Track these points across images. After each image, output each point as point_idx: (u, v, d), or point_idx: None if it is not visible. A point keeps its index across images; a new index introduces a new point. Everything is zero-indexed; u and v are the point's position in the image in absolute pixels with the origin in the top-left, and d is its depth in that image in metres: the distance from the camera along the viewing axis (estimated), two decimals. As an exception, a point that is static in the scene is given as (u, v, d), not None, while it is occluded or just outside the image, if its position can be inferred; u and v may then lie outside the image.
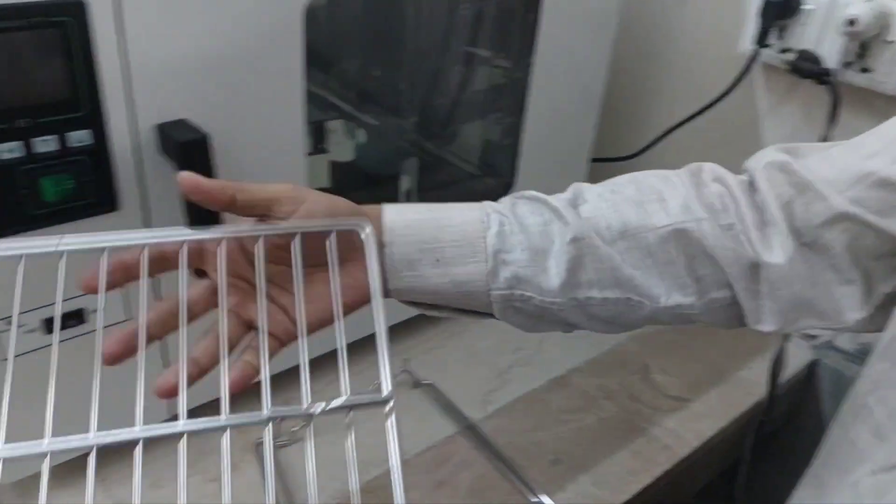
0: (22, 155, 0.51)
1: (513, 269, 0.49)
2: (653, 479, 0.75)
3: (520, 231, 0.49)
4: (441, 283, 0.49)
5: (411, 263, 0.49)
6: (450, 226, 0.49)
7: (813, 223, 0.49)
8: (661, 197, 0.51)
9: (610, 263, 0.49)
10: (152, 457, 0.71)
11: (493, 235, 0.49)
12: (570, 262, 0.49)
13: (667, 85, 1.05)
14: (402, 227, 0.48)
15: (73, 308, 0.59)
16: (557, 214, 0.50)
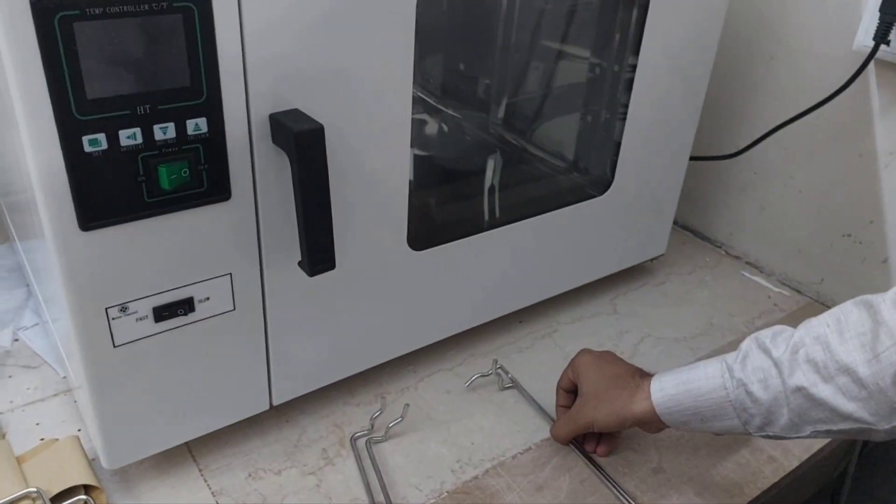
0: (141, 142, 0.51)
1: (758, 421, 0.60)
2: (759, 492, 0.72)
3: (753, 391, 0.59)
4: (713, 429, 0.63)
5: (684, 423, 0.64)
6: (701, 396, 0.62)
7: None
8: (865, 329, 0.55)
9: (829, 405, 0.55)
10: (249, 447, 0.72)
11: (734, 400, 0.60)
12: (799, 409, 0.57)
13: (771, 82, 1.01)
14: (669, 405, 0.64)
15: (184, 296, 0.58)
16: (779, 369, 0.58)
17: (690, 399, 0.62)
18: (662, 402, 0.64)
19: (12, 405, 0.74)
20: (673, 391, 0.63)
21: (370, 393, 0.79)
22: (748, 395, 0.59)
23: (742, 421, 0.60)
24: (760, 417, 0.59)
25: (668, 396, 0.64)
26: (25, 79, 0.46)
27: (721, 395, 0.61)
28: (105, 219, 0.52)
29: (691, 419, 0.63)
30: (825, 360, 0.55)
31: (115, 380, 0.59)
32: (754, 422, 0.60)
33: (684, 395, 0.63)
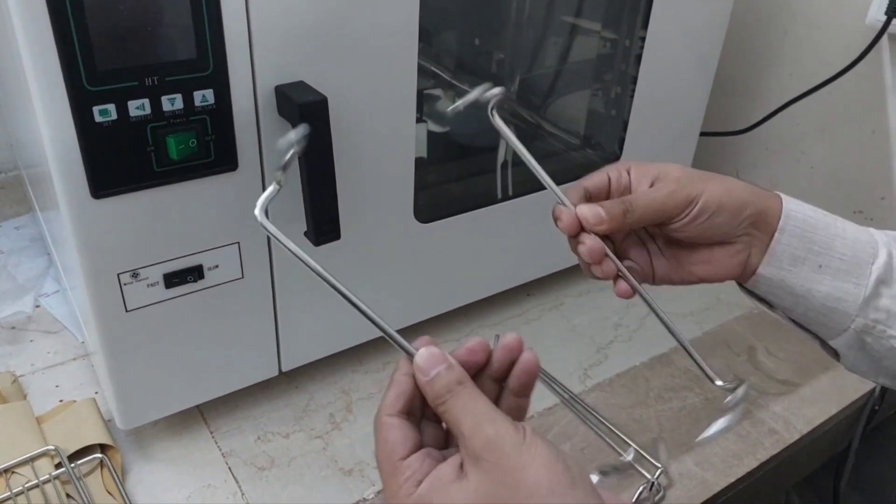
0: (149, 112, 0.52)
1: (887, 304, 0.48)
2: (758, 464, 0.73)
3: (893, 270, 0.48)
4: (814, 290, 0.49)
5: (794, 259, 0.48)
6: (842, 237, 0.48)
7: None
8: None
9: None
10: (259, 412, 0.74)
11: (880, 265, 0.48)
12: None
13: (783, 56, 1.00)
14: (800, 220, 0.48)
15: (193, 264, 0.60)
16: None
17: (827, 234, 0.48)
18: (795, 214, 0.48)
19: (33, 368, 0.77)
20: (813, 213, 0.49)
21: (378, 360, 0.81)
22: (894, 270, 0.48)
23: (867, 294, 0.48)
24: (892, 302, 0.48)
25: (805, 215, 0.48)
26: (38, 50, 0.47)
27: (867, 251, 0.48)
28: (116, 187, 0.54)
29: (810, 258, 0.48)
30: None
31: (128, 344, 0.61)
32: (879, 303, 0.48)
33: (824, 224, 0.49)
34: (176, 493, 0.65)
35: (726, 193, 0.48)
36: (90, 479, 0.64)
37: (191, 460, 0.68)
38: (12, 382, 0.74)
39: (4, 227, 1.00)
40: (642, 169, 0.50)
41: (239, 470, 0.67)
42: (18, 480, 0.62)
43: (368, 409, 0.75)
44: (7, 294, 0.87)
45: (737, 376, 0.46)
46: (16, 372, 0.76)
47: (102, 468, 0.65)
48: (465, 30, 1.02)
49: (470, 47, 1.04)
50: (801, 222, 0.48)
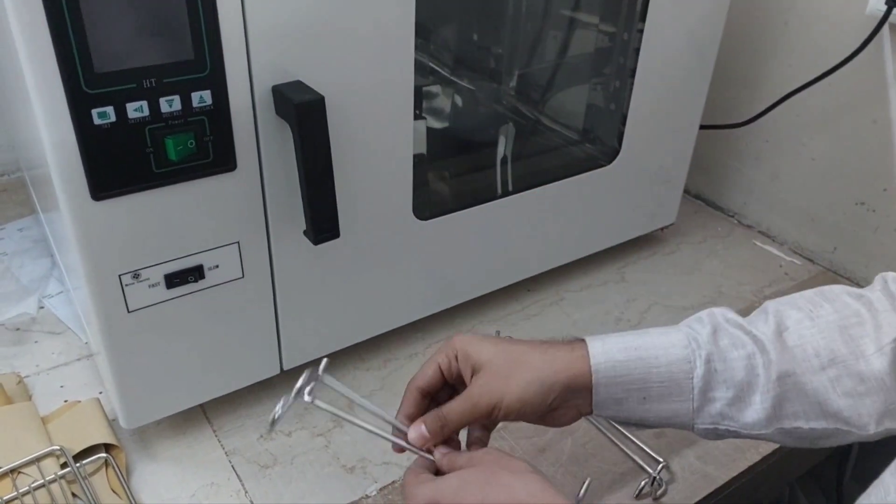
0: (147, 114, 0.53)
1: (718, 407, 0.50)
2: (760, 457, 0.73)
3: (723, 369, 0.50)
4: (646, 417, 0.51)
5: (618, 401, 0.51)
6: (657, 367, 0.50)
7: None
8: (861, 319, 0.50)
9: (816, 397, 0.49)
10: (261, 410, 0.74)
11: (699, 377, 0.50)
12: (776, 399, 0.49)
13: (783, 47, 1.00)
14: (609, 370, 0.50)
15: (194, 264, 0.61)
16: (761, 347, 0.50)
17: (641, 369, 0.50)
18: (604, 368, 0.50)
19: (38, 369, 0.78)
20: (621, 356, 0.51)
21: (379, 358, 0.82)
22: (717, 373, 0.50)
23: (696, 406, 0.50)
24: (722, 403, 0.50)
25: (614, 362, 0.50)
26: (36, 54, 0.47)
27: (684, 369, 0.50)
28: (115, 189, 0.54)
29: (631, 396, 0.51)
30: (817, 346, 0.49)
31: (130, 344, 0.62)
32: (710, 408, 0.50)
33: (634, 364, 0.50)
34: (180, 491, 0.65)
35: (528, 389, 0.50)
36: (95, 478, 0.64)
37: (194, 459, 0.68)
38: (18, 383, 0.74)
39: (8, 229, 1.00)
40: (464, 357, 0.53)
41: (242, 468, 0.68)
42: (25, 480, 0.63)
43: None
44: (11, 296, 0.87)
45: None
46: (21, 373, 0.76)
47: (107, 467, 0.65)
48: (463, 25, 1.02)
49: (468, 42, 1.04)
50: (611, 371, 0.50)
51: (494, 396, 0.50)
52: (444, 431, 0.51)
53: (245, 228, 0.62)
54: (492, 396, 0.50)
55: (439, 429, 0.51)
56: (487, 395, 0.50)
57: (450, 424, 0.51)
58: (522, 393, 0.50)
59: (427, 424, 0.51)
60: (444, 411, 0.51)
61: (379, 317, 0.79)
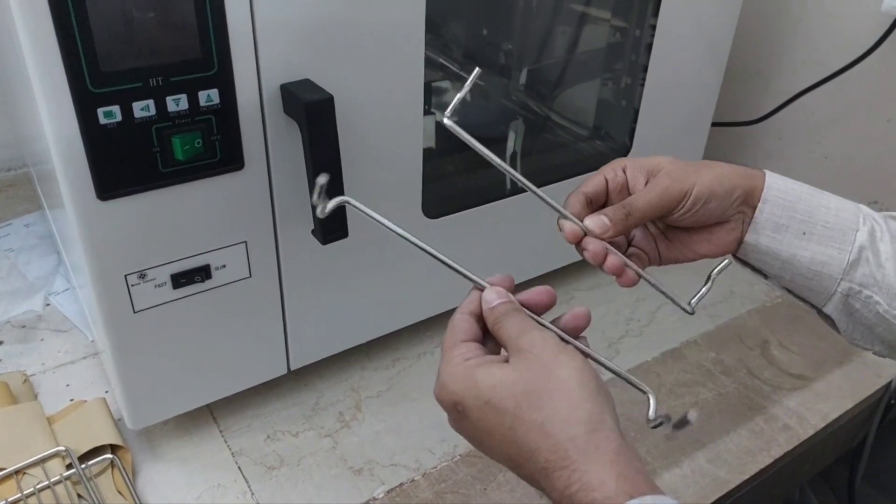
0: (154, 113, 0.52)
1: (872, 270, 0.50)
2: (772, 460, 0.72)
3: (890, 241, 0.50)
4: (798, 255, 0.51)
5: (778, 227, 0.51)
6: (826, 207, 0.50)
7: None
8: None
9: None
10: (268, 411, 0.74)
11: (864, 232, 0.50)
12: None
13: (797, 45, 0.99)
14: (781, 190, 0.51)
15: (201, 264, 0.60)
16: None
17: (810, 204, 0.51)
18: (778, 187, 0.51)
19: (44, 367, 0.77)
20: (795, 185, 0.51)
21: (387, 357, 0.81)
22: (880, 241, 0.50)
23: (851, 259, 0.50)
24: (873, 267, 0.50)
25: (788, 188, 0.51)
26: (41, 54, 0.47)
27: (851, 219, 0.50)
28: (122, 189, 0.53)
29: (793, 225, 0.50)
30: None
31: (136, 344, 0.61)
32: (864, 268, 0.50)
33: (807, 196, 0.51)
34: (186, 492, 0.65)
35: (716, 181, 0.50)
36: (101, 479, 0.64)
37: (200, 460, 0.68)
38: (23, 382, 0.74)
39: (14, 225, 1.00)
40: (636, 165, 0.52)
41: (248, 469, 0.67)
42: (30, 481, 0.62)
43: (377, 408, 0.75)
44: (18, 292, 0.87)
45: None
46: (27, 371, 0.76)
47: (113, 468, 0.65)
48: (473, 20, 1.01)
49: (478, 38, 1.03)
50: (783, 193, 0.51)
51: (686, 183, 0.50)
52: (628, 221, 0.49)
53: (253, 228, 0.61)
54: (683, 183, 0.50)
55: (623, 217, 0.49)
56: (679, 182, 0.50)
57: (635, 213, 0.49)
58: (713, 183, 0.50)
59: (610, 214, 0.49)
60: (631, 199, 0.50)
61: (387, 316, 0.78)
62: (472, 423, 0.42)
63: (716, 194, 0.50)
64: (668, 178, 0.50)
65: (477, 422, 0.41)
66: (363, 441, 0.70)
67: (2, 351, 0.79)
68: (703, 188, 0.49)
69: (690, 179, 0.50)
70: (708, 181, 0.50)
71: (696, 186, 0.49)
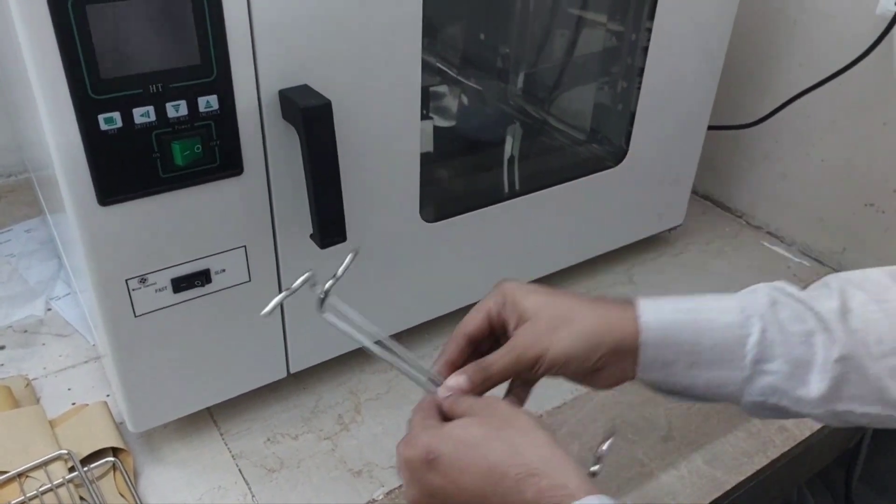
0: (154, 119, 0.53)
1: (770, 381, 0.48)
2: (769, 461, 0.73)
3: (781, 342, 0.47)
4: (693, 384, 0.49)
5: (665, 365, 0.49)
6: (710, 330, 0.48)
7: None
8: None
9: (878, 383, 0.47)
10: (268, 413, 0.74)
11: (753, 344, 0.47)
12: (834, 380, 0.47)
13: (793, 48, 0.99)
14: (659, 329, 0.48)
15: (201, 268, 0.60)
16: (823, 325, 0.47)
17: (692, 332, 0.48)
18: (654, 327, 0.48)
19: (45, 371, 0.78)
20: (672, 316, 0.48)
21: (386, 361, 0.81)
22: (773, 345, 0.47)
23: (747, 376, 0.48)
24: (776, 377, 0.47)
25: (665, 322, 0.48)
26: (42, 61, 0.47)
27: (737, 334, 0.47)
28: (122, 194, 0.54)
29: (680, 359, 0.48)
30: (882, 331, 0.46)
31: (137, 348, 0.62)
32: (762, 381, 0.48)
33: (686, 326, 0.48)
34: (187, 494, 0.65)
35: (575, 344, 0.48)
36: (103, 482, 0.64)
37: (201, 462, 0.68)
38: (25, 386, 0.74)
39: (15, 230, 1.00)
40: (512, 304, 0.51)
41: (249, 471, 0.68)
42: (33, 484, 0.63)
43: (377, 410, 0.75)
44: (19, 297, 0.88)
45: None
46: (28, 375, 0.76)
47: (115, 471, 0.65)
48: (469, 25, 1.02)
49: (475, 42, 1.03)
50: (661, 331, 0.48)
51: (539, 348, 0.48)
52: (485, 384, 0.49)
53: (252, 232, 0.62)
54: (537, 348, 0.48)
55: (481, 381, 0.49)
56: (533, 347, 0.48)
57: (493, 377, 0.49)
58: (568, 348, 0.48)
59: (469, 374, 0.49)
60: (488, 362, 0.49)
61: (385, 319, 0.78)
62: (445, 468, 0.42)
63: (574, 358, 0.48)
64: (525, 337, 0.49)
65: (450, 465, 0.42)
66: (362, 443, 0.71)
67: (3, 355, 0.80)
68: (558, 354, 0.48)
69: (544, 344, 0.48)
70: (564, 346, 0.48)
71: (549, 353, 0.48)
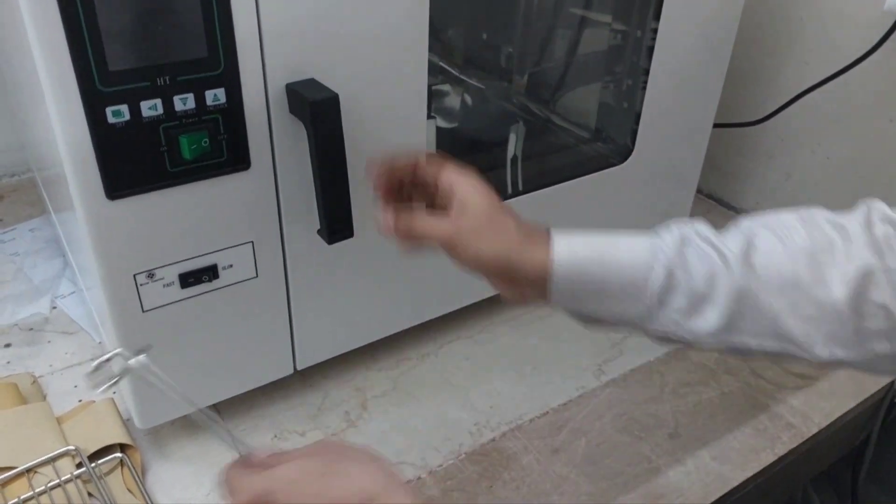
0: (162, 112, 0.53)
1: (672, 315, 0.50)
2: (776, 458, 0.72)
3: (684, 279, 0.49)
4: (601, 315, 0.52)
5: (574, 297, 0.51)
6: (617, 268, 0.50)
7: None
8: (833, 248, 0.48)
9: (772, 318, 0.48)
10: (274, 410, 0.74)
11: (657, 283, 0.49)
12: (730, 315, 0.49)
13: (798, 45, 0.99)
14: (569, 265, 0.50)
15: (208, 263, 0.60)
16: (725, 263, 0.49)
17: (599, 267, 0.50)
18: (565, 262, 0.50)
19: (52, 369, 0.78)
20: (584, 253, 0.50)
21: (392, 358, 0.81)
22: (677, 282, 0.49)
23: (650, 310, 0.50)
24: (676, 311, 0.50)
25: (576, 258, 0.50)
26: (50, 53, 0.47)
27: (643, 272, 0.49)
28: (130, 188, 0.54)
29: (588, 293, 0.51)
30: (782, 269, 0.48)
31: (145, 343, 0.61)
32: (663, 315, 0.50)
33: (594, 262, 0.50)
34: (195, 490, 0.65)
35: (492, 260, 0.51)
36: (110, 478, 0.64)
37: (208, 458, 0.68)
38: (32, 383, 0.74)
39: (19, 230, 1.00)
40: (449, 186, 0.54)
41: (256, 468, 0.68)
42: (41, 480, 0.63)
43: (383, 407, 0.75)
44: (24, 296, 0.88)
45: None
46: (35, 373, 0.76)
47: (122, 467, 0.65)
48: (473, 23, 1.02)
49: (478, 41, 1.03)
50: (571, 268, 0.50)
51: (460, 241, 0.52)
52: (408, 235, 0.54)
53: (259, 228, 0.62)
54: (458, 240, 0.52)
55: (406, 231, 0.54)
56: (457, 239, 0.52)
57: (415, 235, 0.54)
58: (487, 259, 0.51)
59: (398, 222, 0.54)
60: (418, 223, 0.54)
61: (392, 316, 0.78)
62: None
63: (488, 270, 0.52)
64: (452, 224, 0.52)
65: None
66: (369, 440, 0.71)
67: (9, 353, 0.80)
68: (471, 257, 0.52)
69: (465, 242, 0.52)
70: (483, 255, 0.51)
71: (468, 251, 0.52)
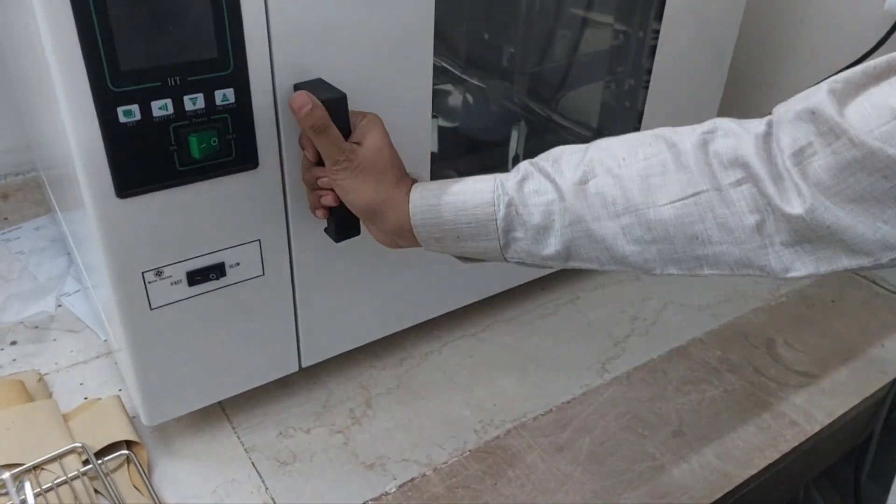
0: (172, 112, 0.53)
1: (521, 245, 0.55)
2: (780, 455, 0.73)
3: (525, 213, 0.53)
4: (464, 251, 0.57)
5: (437, 239, 0.57)
6: (464, 210, 0.55)
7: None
8: (665, 169, 0.50)
9: (605, 243, 0.52)
10: (280, 407, 0.75)
11: (501, 218, 0.54)
12: (568, 242, 0.53)
13: (800, 45, 1.00)
14: (424, 213, 0.56)
15: (216, 261, 0.61)
16: (560, 195, 0.53)
17: (451, 212, 0.55)
18: (420, 212, 0.56)
19: (57, 366, 0.78)
20: (434, 201, 0.56)
21: (395, 356, 0.82)
22: (518, 216, 0.53)
23: (502, 244, 0.55)
24: (524, 243, 0.54)
25: (428, 207, 0.56)
26: (63, 53, 0.48)
27: (488, 212, 0.54)
28: (140, 187, 0.54)
29: (446, 235, 0.56)
30: (615, 195, 0.50)
31: (152, 341, 0.62)
32: (515, 246, 0.55)
33: (446, 207, 0.55)
34: (201, 487, 0.66)
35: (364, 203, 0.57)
36: (117, 474, 0.65)
37: (214, 455, 0.69)
38: (38, 381, 0.75)
39: (24, 228, 1.01)
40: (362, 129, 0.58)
41: (262, 465, 0.68)
42: (48, 477, 0.63)
43: (388, 405, 0.75)
44: (29, 294, 0.88)
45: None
46: (41, 370, 0.77)
47: (129, 464, 0.66)
48: (475, 23, 1.02)
49: (480, 41, 1.04)
50: (426, 213, 0.56)
51: (341, 188, 0.57)
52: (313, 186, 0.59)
53: (266, 226, 0.62)
54: (339, 187, 0.57)
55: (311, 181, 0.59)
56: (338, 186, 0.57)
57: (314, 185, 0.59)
58: (358, 207, 0.57)
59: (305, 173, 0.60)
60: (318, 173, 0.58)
61: (397, 314, 0.79)
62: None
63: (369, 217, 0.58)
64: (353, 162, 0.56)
65: None
66: (374, 437, 0.71)
67: (15, 351, 0.80)
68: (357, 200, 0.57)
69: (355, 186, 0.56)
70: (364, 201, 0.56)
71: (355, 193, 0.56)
